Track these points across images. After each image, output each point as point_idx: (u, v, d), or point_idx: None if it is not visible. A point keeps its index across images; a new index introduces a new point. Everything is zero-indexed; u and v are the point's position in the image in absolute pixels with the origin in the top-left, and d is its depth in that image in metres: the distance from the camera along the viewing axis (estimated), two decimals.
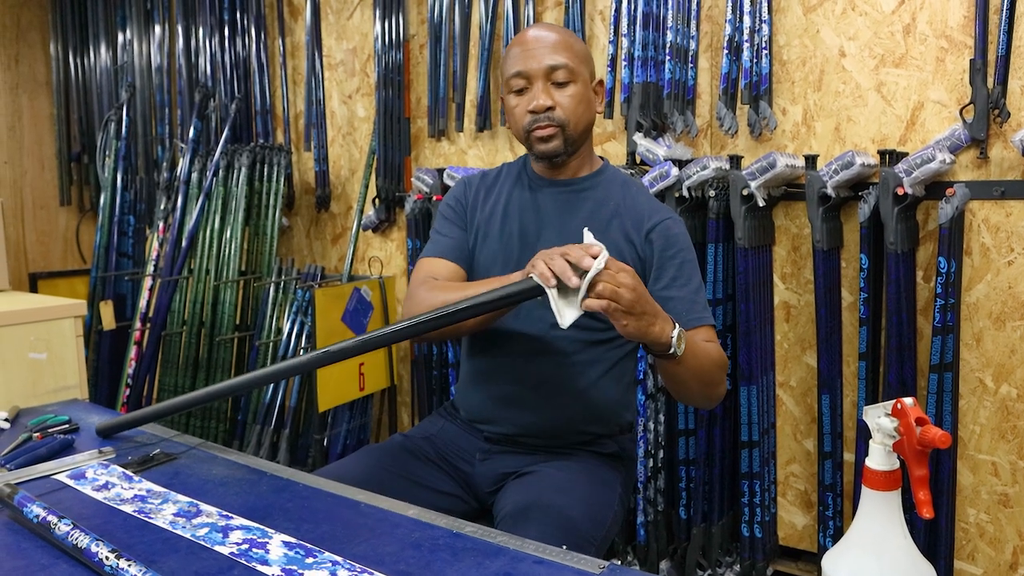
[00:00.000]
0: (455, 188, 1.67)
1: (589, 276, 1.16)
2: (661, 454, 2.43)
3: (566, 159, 1.55)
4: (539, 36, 1.50)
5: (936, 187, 2.08)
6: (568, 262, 1.18)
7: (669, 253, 1.49)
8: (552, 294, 1.19)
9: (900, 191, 2.03)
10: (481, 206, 1.62)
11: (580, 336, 1.51)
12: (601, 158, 1.64)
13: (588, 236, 1.23)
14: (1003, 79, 1.99)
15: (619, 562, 2.45)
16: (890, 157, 2.09)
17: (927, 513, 0.76)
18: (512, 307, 1.37)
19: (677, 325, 1.29)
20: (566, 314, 1.20)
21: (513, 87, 1.51)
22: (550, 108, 1.47)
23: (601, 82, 1.57)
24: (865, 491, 0.80)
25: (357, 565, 0.99)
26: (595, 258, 1.16)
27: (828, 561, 0.82)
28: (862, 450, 2.19)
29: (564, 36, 1.51)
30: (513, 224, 1.57)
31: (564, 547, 1.08)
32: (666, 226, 1.51)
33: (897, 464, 0.79)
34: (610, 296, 1.17)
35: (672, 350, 1.28)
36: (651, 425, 2.39)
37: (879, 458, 0.79)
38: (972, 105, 2.03)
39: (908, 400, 0.78)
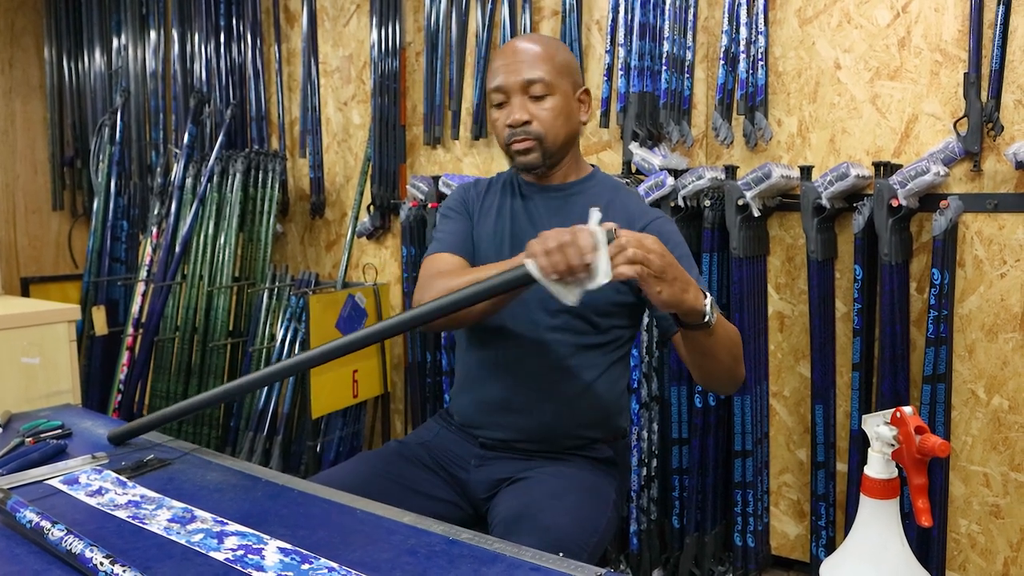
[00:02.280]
0: (456, 192, 1.68)
1: (600, 260, 1.12)
2: (654, 463, 2.43)
3: (548, 169, 1.55)
4: (518, 49, 1.51)
5: (930, 199, 2.09)
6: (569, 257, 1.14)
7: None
8: (549, 284, 1.16)
9: (894, 203, 2.04)
10: (478, 210, 1.64)
11: (572, 340, 1.51)
12: (592, 165, 1.64)
13: (594, 216, 1.17)
14: (997, 93, 2.01)
15: (612, 570, 2.45)
16: (884, 169, 2.11)
17: (926, 521, 0.76)
18: (510, 294, 1.32)
19: (708, 293, 1.28)
20: (567, 295, 1.16)
21: (494, 101, 1.53)
22: (527, 122, 1.48)
23: (587, 91, 1.57)
24: (863, 499, 0.80)
25: (353, 571, 0.98)
26: (604, 237, 1.13)
27: (826, 569, 0.82)
28: (855, 460, 2.20)
29: (545, 48, 1.51)
30: (504, 228, 1.58)
31: (560, 554, 1.08)
32: (658, 224, 1.52)
33: (896, 472, 0.79)
34: (641, 260, 1.15)
35: (707, 318, 1.26)
36: (644, 434, 2.39)
37: (878, 466, 0.79)
38: (966, 118, 2.05)
39: (907, 409, 0.78)
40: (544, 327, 1.51)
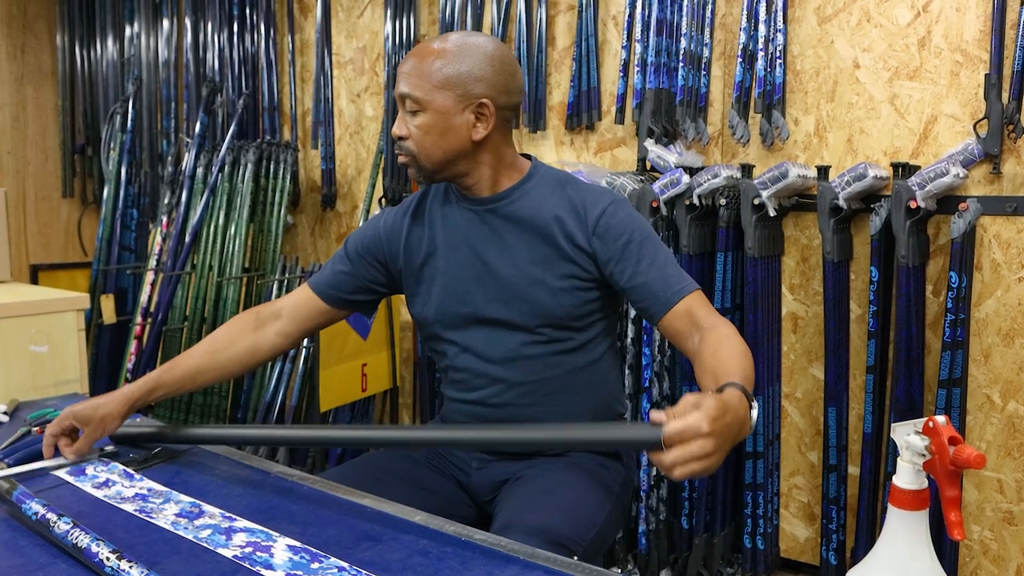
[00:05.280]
0: (368, 227, 1.59)
1: None
2: None
3: (428, 181, 1.47)
4: (411, 57, 1.42)
5: (948, 201, 2.06)
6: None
7: (622, 241, 1.41)
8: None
9: (912, 204, 2.02)
10: (411, 246, 1.54)
11: (549, 350, 1.46)
12: (529, 157, 1.53)
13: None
14: (1018, 94, 1.98)
15: (619, 570, 2.43)
16: (903, 170, 2.08)
17: (959, 535, 0.74)
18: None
19: (754, 404, 1.12)
20: None
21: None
22: (402, 137, 1.43)
23: (483, 104, 1.40)
24: (891, 510, 0.78)
25: (363, 572, 0.97)
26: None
27: None
28: (868, 464, 2.18)
29: (435, 59, 1.39)
30: (456, 257, 1.50)
31: (572, 556, 1.06)
32: (608, 214, 1.43)
33: (926, 483, 0.77)
34: (694, 473, 1.00)
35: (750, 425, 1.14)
36: None
37: (908, 477, 0.77)
38: (986, 120, 2.02)
39: (940, 418, 0.76)
40: (524, 343, 1.46)
